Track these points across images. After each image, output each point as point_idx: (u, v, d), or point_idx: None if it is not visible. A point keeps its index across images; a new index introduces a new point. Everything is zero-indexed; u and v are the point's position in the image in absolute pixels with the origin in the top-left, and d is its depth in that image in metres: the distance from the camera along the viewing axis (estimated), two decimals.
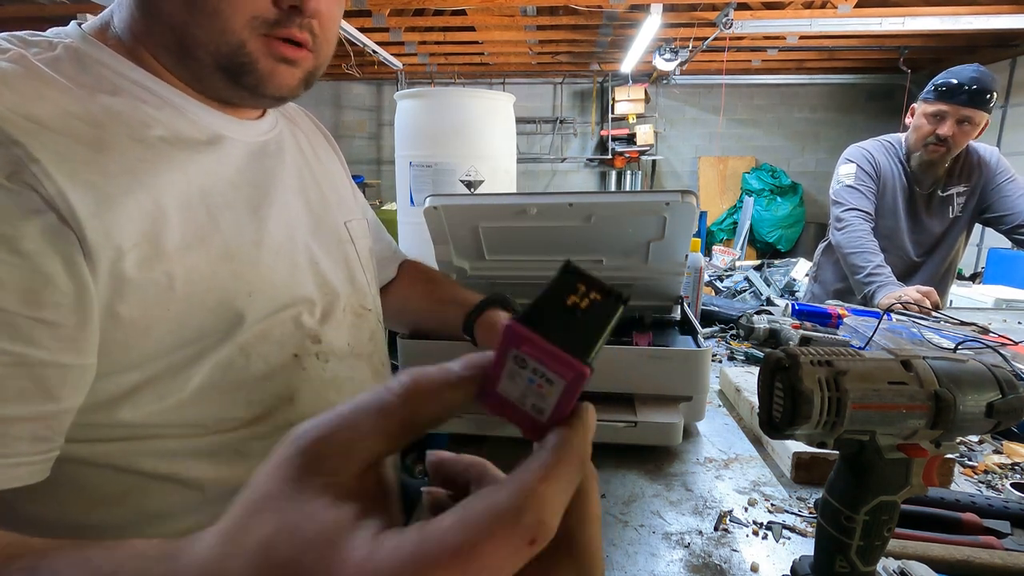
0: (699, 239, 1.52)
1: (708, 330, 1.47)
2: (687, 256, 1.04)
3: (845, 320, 1.35)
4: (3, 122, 0.43)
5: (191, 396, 0.51)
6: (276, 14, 0.51)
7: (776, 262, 4.96)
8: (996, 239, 2.86)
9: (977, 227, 1.95)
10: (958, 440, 0.74)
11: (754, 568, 0.59)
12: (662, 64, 5.03)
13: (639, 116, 6.66)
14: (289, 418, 0.58)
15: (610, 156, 6.79)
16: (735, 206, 6.78)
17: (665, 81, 6.45)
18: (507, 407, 0.26)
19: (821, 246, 2.13)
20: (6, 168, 0.42)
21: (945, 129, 1.70)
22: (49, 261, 0.42)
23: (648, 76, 6.57)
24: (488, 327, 0.76)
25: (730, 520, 0.68)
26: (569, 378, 0.23)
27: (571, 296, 0.24)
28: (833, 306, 1.49)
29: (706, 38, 4.62)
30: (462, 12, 4.36)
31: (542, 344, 0.23)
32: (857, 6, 3.94)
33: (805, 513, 0.69)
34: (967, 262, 5.17)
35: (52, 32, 0.53)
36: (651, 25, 4.03)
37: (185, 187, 0.52)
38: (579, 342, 0.23)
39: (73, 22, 0.55)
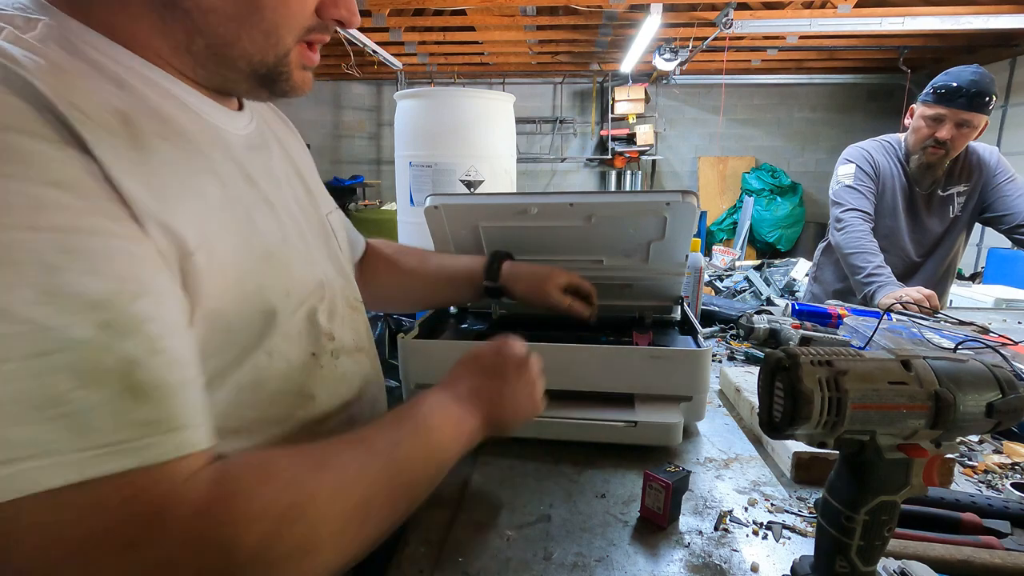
0: (699, 239, 1.52)
1: (708, 330, 1.47)
2: (687, 256, 1.04)
3: (845, 320, 1.35)
4: (59, 107, 0.37)
5: (223, 399, 0.49)
6: (316, 22, 0.51)
7: (776, 262, 4.96)
8: (996, 239, 2.87)
9: (977, 227, 1.95)
10: (958, 440, 0.74)
11: (754, 568, 0.59)
12: (662, 64, 5.03)
13: (639, 116, 6.66)
14: (311, 415, 0.58)
15: (610, 156, 6.80)
16: (735, 206, 6.79)
17: (665, 81, 6.45)
18: None
19: (821, 246, 2.13)
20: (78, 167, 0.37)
21: (944, 133, 1.69)
22: None
23: (648, 76, 6.57)
24: (519, 279, 0.90)
25: (730, 520, 0.68)
26: None
27: None
28: (833, 306, 1.49)
29: (706, 38, 4.62)
30: (462, 12, 4.36)
31: None
32: (857, 6, 3.94)
33: (805, 513, 0.69)
34: (967, 262, 5.18)
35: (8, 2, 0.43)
36: (651, 25, 4.03)
37: (220, 188, 0.50)
38: None
39: None
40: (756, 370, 0.51)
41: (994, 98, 1.66)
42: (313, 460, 0.43)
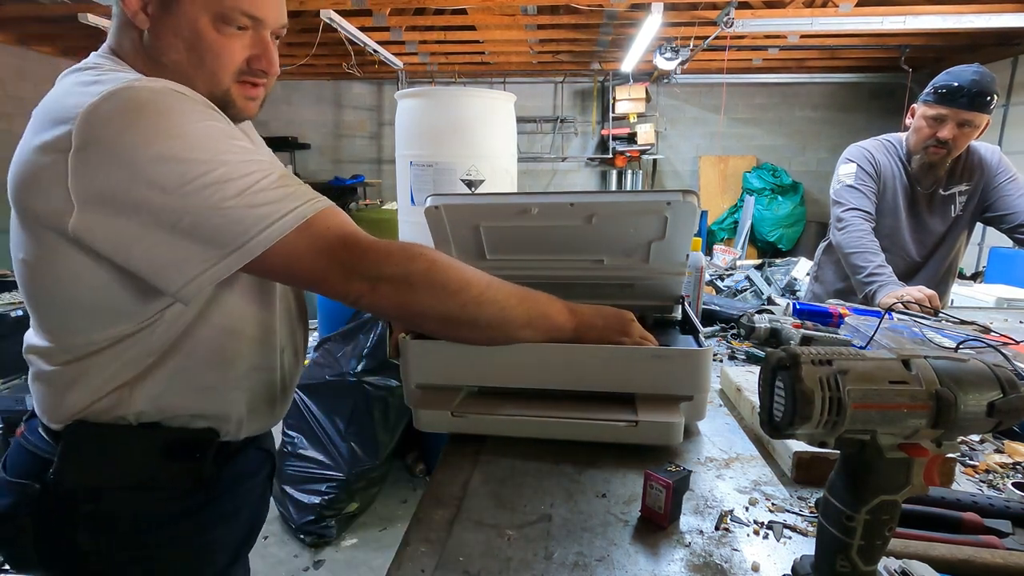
0: (700, 238, 1.52)
1: (709, 329, 1.47)
2: (688, 255, 1.04)
3: (846, 319, 1.35)
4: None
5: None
6: (247, 68, 0.75)
7: (777, 261, 4.96)
8: (997, 238, 2.86)
9: (979, 226, 1.95)
10: (959, 439, 0.74)
11: (755, 568, 0.59)
12: (663, 63, 5.02)
13: (640, 115, 6.66)
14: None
15: (611, 155, 6.79)
16: (736, 205, 6.78)
17: (666, 80, 6.44)
18: None
19: (822, 245, 2.13)
20: None
21: (945, 132, 1.69)
22: None
23: (649, 75, 6.57)
24: None
25: (731, 520, 0.68)
26: None
27: None
28: (834, 306, 1.49)
29: (707, 37, 4.61)
30: (463, 11, 4.36)
31: None
32: (858, 5, 3.93)
33: (806, 512, 0.69)
34: (968, 262, 5.17)
35: (99, 60, 0.73)
36: (652, 24, 4.03)
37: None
38: None
39: (95, 54, 0.74)
40: (757, 370, 0.51)
41: (995, 97, 1.66)
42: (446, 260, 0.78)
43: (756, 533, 0.66)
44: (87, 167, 0.60)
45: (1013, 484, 0.75)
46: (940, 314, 1.46)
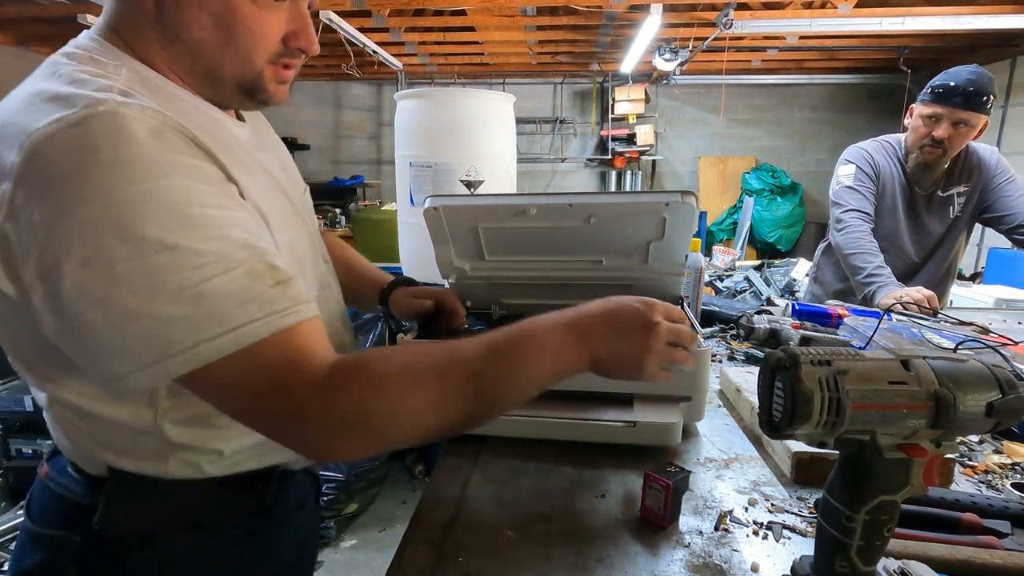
0: (699, 239, 1.52)
1: (708, 330, 1.47)
2: (687, 256, 1.04)
3: (845, 320, 1.35)
4: (199, 135, 0.55)
5: None
6: (283, 48, 0.63)
7: (776, 262, 4.96)
8: (996, 239, 2.86)
9: (977, 227, 1.95)
10: (958, 440, 0.74)
11: (754, 568, 0.59)
12: (662, 64, 5.03)
13: (639, 116, 6.66)
14: None
15: (610, 156, 6.79)
16: (735, 206, 6.78)
17: (665, 81, 6.44)
18: None
19: (821, 246, 2.13)
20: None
21: (941, 132, 1.69)
22: None
23: (648, 76, 6.57)
24: (399, 302, 0.97)
25: (730, 520, 0.68)
26: None
27: None
28: (833, 306, 1.49)
29: (706, 38, 4.61)
30: (462, 12, 4.36)
31: None
32: (857, 6, 3.94)
33: (805, 513, 0.69)
34: (967, 262, 5.17)
35: (85, 45, 0.58)
36: (651, 25, 4.03)
37: (251, 178, 0.62)
38: None
39: (88, 32, 0.60)
40: (756, 370, 0.51)
41: (992, 98, 1.66)
42: (403, 358, 0.57)
43: (755, 533, 0.66)
44: (17, 212, 0.48)
45: (1012, 484, 0.75)
46: (939, 315, 1.46)
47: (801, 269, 4.35)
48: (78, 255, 0.47)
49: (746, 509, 0.70)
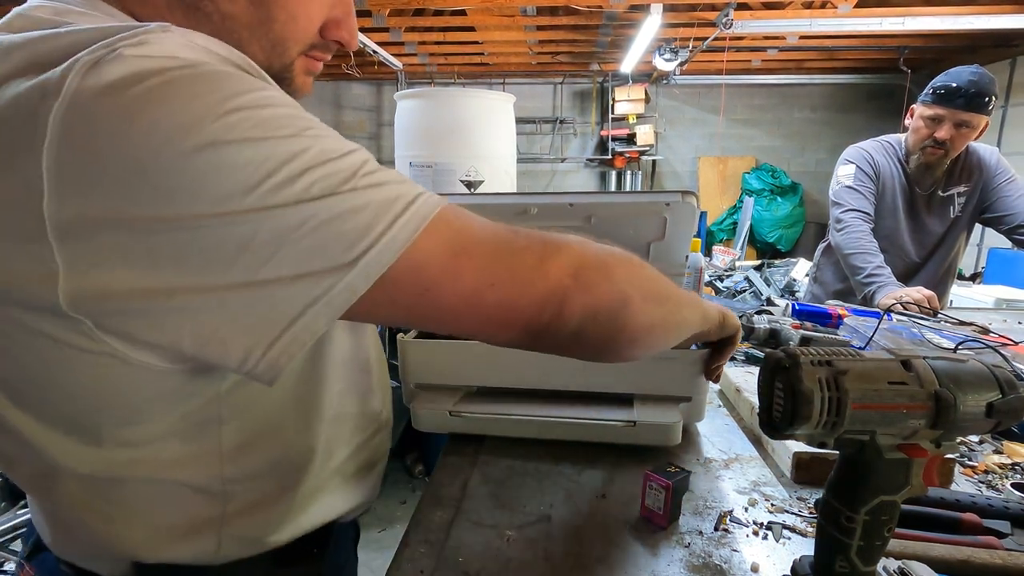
0: (699, 239, 1.52)
1: None
2: (687, 256, 1.04)
3: (845, 320, 1.35)
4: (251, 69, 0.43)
5: None
6: (319, 40, 0.54)
7: (776, 262, 4.96)
8: (996, 239, 2.86)
9: (978, 227, 1.95)
10: (958, 440, 0.74)
11: (754, 568, 0.59)
12: (662, 64, 5.03)
13: (639, 116, 6.66)
14: None
15: (610, 156, 6.79)
16: (735, 206, 6.78)
17: (665, 81, 6.44)
18: None
19: (821, 246, 2.13)
20: None
21: (943, 133, 1.69)
22: None
23: (648, 76, 6.57)
24: None
25: (730, 520, 0.68)
26: None
27: None
28: (833, 306, 1.49)
29: (706, 38, 4.61)
30: (462, 12, 4.36)
31: None
32: (857, 6, 3.94)
33: (805, 513, 0.69)
34: (967, 262, 5.17)
35: (75, 4, 0.42)
36: (651, 25, 4.03)
37: None
38: None
39: None
40: (756, 370, 0.51)
41: (994, 99, 1.66)
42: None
43: (755, 534, 0.66)
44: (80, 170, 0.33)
45: (1012, 485, 0.75)
46: (939, 315, 1.46)
47: (801, 269, 4.36)
48: (207, 194, 0.34)
49: (746, 509, 0.70)
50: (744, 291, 4.24)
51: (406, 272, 0.39)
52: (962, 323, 1.36)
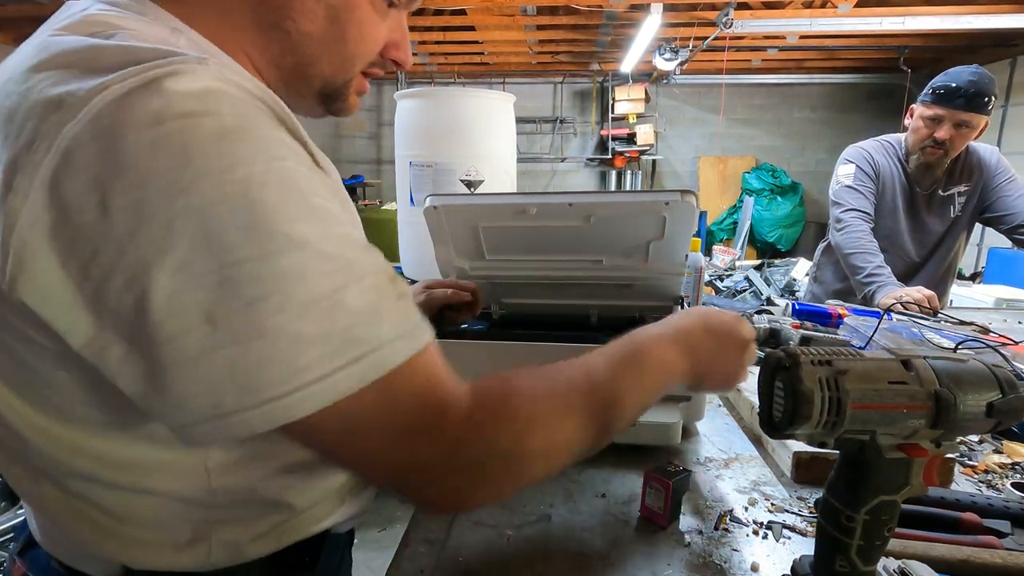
0: (699, 239, 1.52)
1: None
2: (687, 256, 1.04)
3: (845, 320, 1.35)
4: (281, 115, 0.42)
5: None
6: (378, 59, 0.57)
7: (776, 262, 4.97)
8: (996, 239, 2.87)
9: (978, 227, 1.95)
10: (958, 440, 0.74)
11: (754, 568, 0.59)
12: (662, 64, 5.03)
13: (639, 116, 6.66)
14: None
15: (610, 156, 6.80)
16: (735, 206, 6.78)
17: (665, 81, 6.45)
18: None
19: (821, 246, 2.13)
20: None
21: (942, 133, 1.69)
22: None
23: (648, 76, 6.57)
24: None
25: (730, 520, 0.68)
26: None
27: None
28: (833, 306, 1.49)
29: (706, 38, 4.62)
30: (462, 12, 4.36)
31: None
32: (857, 6, 3.94)
33: (805, 513, 0.69)
34: (967, 262, 5.17)
35: (114, 13, 0.42)
36: (651, 25, 4.03)
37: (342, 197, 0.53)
38: None
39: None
40: (756, 370, 0.51)
41: (993, 99, 1.66)
42: (547, 383, 0.50)
43: (755, 533, 0.66)
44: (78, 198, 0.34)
45: (1012, 484, 0.75)
46: (939, 314, 1.46)
47: (801, 269, 4.36)
48: (176, 256, 0.34)
49: (746, 509, 0.70)
50: (744, 291, 4.24)
51: (322, 423, 0.39)
52: (962, 323, 1.36)
